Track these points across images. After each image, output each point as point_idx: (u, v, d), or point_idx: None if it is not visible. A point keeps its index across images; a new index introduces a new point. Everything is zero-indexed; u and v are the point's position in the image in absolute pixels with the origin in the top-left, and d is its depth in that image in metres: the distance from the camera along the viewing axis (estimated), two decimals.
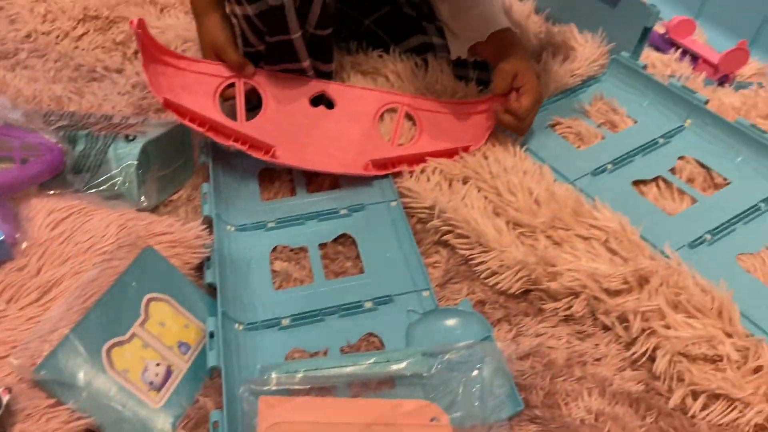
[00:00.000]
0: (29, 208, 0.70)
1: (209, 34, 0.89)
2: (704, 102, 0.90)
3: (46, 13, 1.21)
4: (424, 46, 1.03)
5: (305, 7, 0.83)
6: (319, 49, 0.90)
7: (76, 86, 1.08)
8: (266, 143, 0.82)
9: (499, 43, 0.92)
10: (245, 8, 0.84)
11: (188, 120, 0.79)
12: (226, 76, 0.88)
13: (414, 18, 1.05)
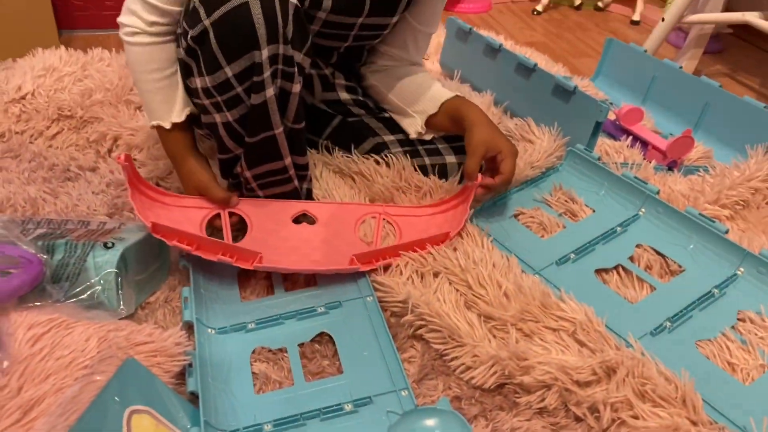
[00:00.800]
0: (9, 322, 0.71)
1: (191, 178, 0.93)
2: (656, 192, 0.96)
3: (20, 113, 1.23)
4: (378, 146, 1.09)
5: (284, 102, 0.87)
6: (295, 144, 0.93)
7: (51, 187, 1.09)
8: (253, 251, 0.84)
9: (453, 112, 1.01)
10: (225, 115, 0.87)
11: (176, 241, 0.82)
12: (210, 207, 0.93)
13: (362, 122, 1.12)
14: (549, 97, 1.17)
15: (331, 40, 1.04)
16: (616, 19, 2.34)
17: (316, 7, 0.96)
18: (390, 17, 1.04)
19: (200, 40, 0.83)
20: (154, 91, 0.94)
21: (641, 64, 1.54)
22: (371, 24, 1.03)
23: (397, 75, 1.12)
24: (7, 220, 0.84)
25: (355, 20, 1.01)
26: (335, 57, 1.10)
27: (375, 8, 1.00)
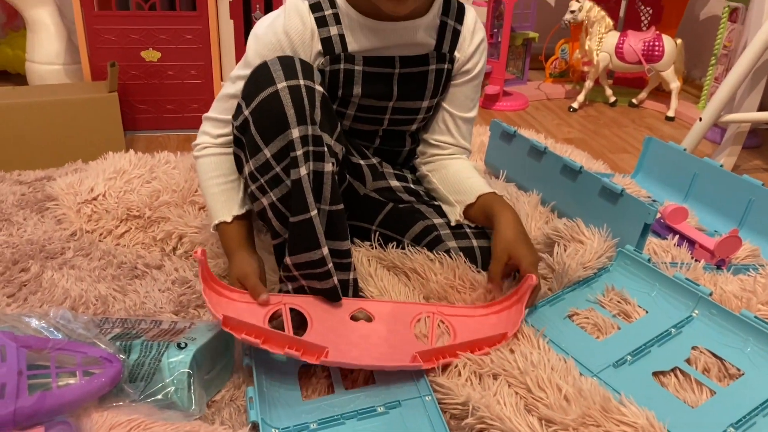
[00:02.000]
0: (91, 423, 0.74)
1: (235, 268, 0.99)
2: (708, 294, 0.98)
3: (92, 213, 1.31)
4: (427, 229, 1.13)
5: (318, 183, 0.92)
6: (335, 227, 0.96)
7: (120, 284, 1.15)
8: (319, 346, 0.87)
9: (487, 208, 1.07)
10: (270, 196, 0.94)
11: (245, 335, 0.86)
12: (274, 304, 0.97)
13: (413, 207, 1.17)
14: (596, 199, 1.21)
15: (368, 124, 1.13)
16: (650, 115, 2.40)
17: (348, 92, 1.06)
18: (419, 101, 1.12)
19: (243, 129, 0.94)
20: (218, 194, 1.04)
21: (681, 162, 1.57)
22: (402, 108, 1.12)
23: (444, 164, 1.19)
24: (87, 321, 0.89)
25: (387, 104, 1.10)
26: (377, 141, 1.16)
27: (403, 93, 1.09)
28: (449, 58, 1.11)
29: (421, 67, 1.09)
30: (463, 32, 1.11)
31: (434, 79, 1.11)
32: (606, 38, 2.25)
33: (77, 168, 1.61)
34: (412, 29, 1.05)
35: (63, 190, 1.37)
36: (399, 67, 1.07)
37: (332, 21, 1.03)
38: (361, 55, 1.05)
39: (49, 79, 2.11)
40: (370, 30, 1.04)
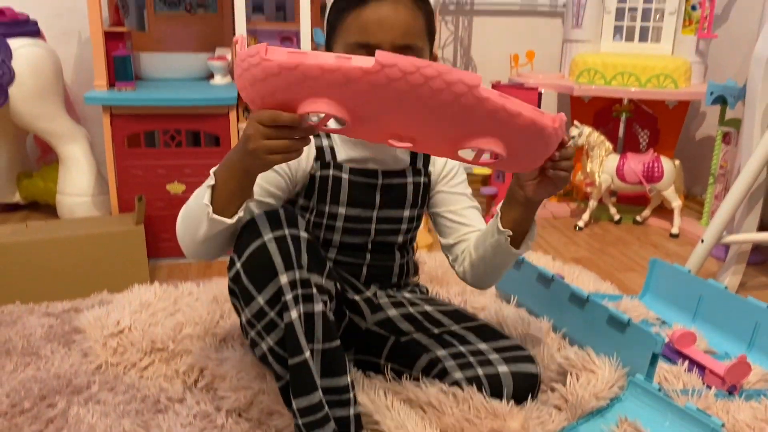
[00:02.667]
0: None
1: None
2: (720, 425, 1.00)
3: (117, 346, 1.36)
4: (432, 362, 1.16)
5: (310, 324, 0.97)
6: (333, 364, 0.99)
7: (143, 419, 1.18)
8: None
9: (506, 202, 1.11)
10: (267, 341, 1.00)
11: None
12: None
13: (413, 340, 1.20)
14: (605, 327, 1.25)
15: (357, 235, 1.20)
16: (655, 232, 2.47)
17: (335, 203, 1.16)
18: (401, 210, 1.22)
19: (236, 280, 1.02)
20: None
21: (687, 284, 1.62)
22: (386, 217, 1.21)
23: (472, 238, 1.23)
24: None
25: (371, 213, 1.19)
26: (368, 256, 1.23)
27: (385, 202, 1.20)
28: (424, 172, 1.24)
29: (401, 179, 1.21)
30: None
31: (413, 191, 1.23)
32: (607, 161, 2.36)
33: (103, 299, 1.67)
34: (390, 148, 1.17)
35: (90, 323, 1.42)
36: (381, 179, 1.19)
37: (323, 134, 1.18)
38: (348, 165, 1.17)
39: (78, 210, 2.22)
40: (355, 145, 1.17)
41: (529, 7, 2.86)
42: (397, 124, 0.83)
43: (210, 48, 2.35)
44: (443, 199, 1.26)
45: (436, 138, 0.85)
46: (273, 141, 0.85)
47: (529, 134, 0.82)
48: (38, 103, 2.16)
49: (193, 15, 2.37)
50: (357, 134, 0.91)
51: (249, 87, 0.83)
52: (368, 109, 0.80)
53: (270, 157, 0.86)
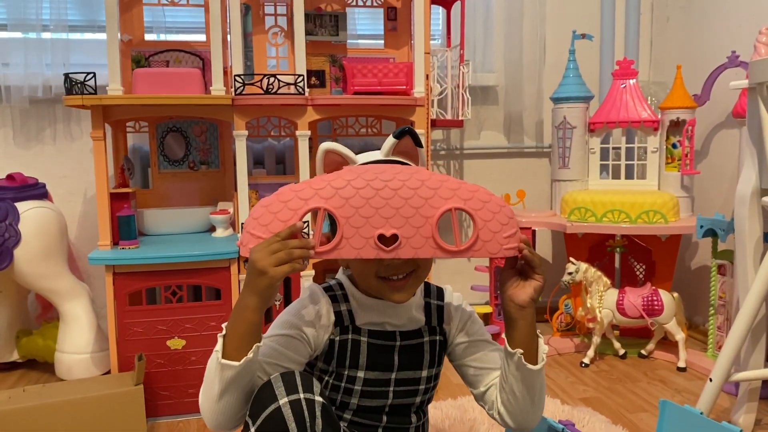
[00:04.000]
0: None
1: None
2: None
3: None
4: None
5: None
6: None
7: None
8: None
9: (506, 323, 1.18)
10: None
11: None
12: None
13: None
14: None
15: (375, 398, 1.18)
16: (662, 366, 2.43)
17: (354, 367, 1.17)
18: (419, 371, 1.21)
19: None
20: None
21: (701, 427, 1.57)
22: (405, 378, 1.20)
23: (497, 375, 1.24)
24: None
25: (390, 375, 1.18)
26: (384, 419, 1.20)
27: (403, 363, 1.19)
28: (440, 331, 1.25)
29: (417, 339, 1.22)
30: (445, 308, 1.28)
31: (429, 350, 1.23)
32: (606, 296, 2.37)
33: None
34: (407, 308, 1.22)
35: None
36: (399, 340, 1.20)
37: (342, 299, 1.21)
38: (366, 329, 1.19)
39: (77, 367, 2.20)
40: (372, 308, 1.20)
41: (516, 149, 2.99)
42: (379, 217, 1.03)
43: (212, 202, 2.42)
44: (464, 350, 1.27)
45: (414, 226, 1.04)
46: (278, 253, 0.99)
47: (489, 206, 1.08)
48: (42, 263, 2.20)
49: (196, 172, 2.46)
50: (348, 250, 1.03)
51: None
52: (354, 213, 1.04)
53: (277, 269, 0.99)
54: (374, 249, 1.03)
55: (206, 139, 2.45)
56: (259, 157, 2.53)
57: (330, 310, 1.18)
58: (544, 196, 2.99)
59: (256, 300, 1.02)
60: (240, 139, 2.10)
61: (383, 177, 1.05)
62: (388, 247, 1.03)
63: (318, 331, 1.16)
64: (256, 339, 1.03)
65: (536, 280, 1.12)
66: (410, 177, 1.06)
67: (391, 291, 1.13)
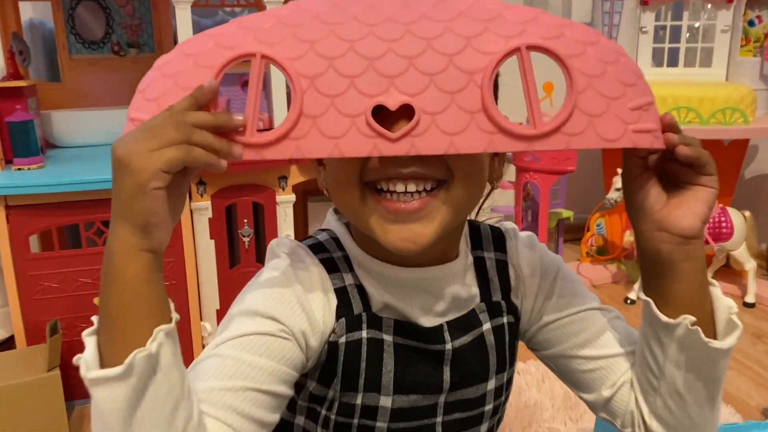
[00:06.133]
0: None
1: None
2: None
3: None
4: None
5: None
6: None
7: None
8: None
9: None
10: None
11: None
12: None
13: None
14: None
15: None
16: None
17: (373, 390, 0.65)
18: (483, 383, 0.69)
19: None
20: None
21: None
22: (460, 401, 0.68)
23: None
24: None
25: (436, 399, 0.67)
26: None
27: (457, 379, 0.67)
28: (507, 307, 0.71)
29: (473, 330, 0.68)
30: (511, 263, 0.72)
31: (496, 345, 0.69)
32: None
33: None
34: (449, 278, 0.66)
35: None
36: (450, 340, 0.67)
37: (344, 265, 0.66)
38: (391, 319, 0.65)
39: None
40: (392, 283, 0.65)
41: None
42: (375, 74, 0.49)
43: None
44: (559, 333, 0.71)
45: (447, 90, 0.50)
46: (161, 131, 0.48)
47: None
48: None
49: (124, 58, 1.83)
50: (313, 140, 0.50)
51: None
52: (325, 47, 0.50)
53: (154, 155, 0.47)
54: (366, 136, 0.50)
55: (134, 12, 1.83)
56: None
57: (327, 285, 0.65)
58: None
59: (126, 230, 0.49)
60: (183, 9, 1.46)
61: (385, 5, 0.51)
62: (395, 132, 0.50)
63: (312, 325, 0.62)
64: (155, 315, 0.50)
65: (707, 187, 0.57)
66: (437, 4, 0.51)
67: (388, 221, 0.58)
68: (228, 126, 0.50)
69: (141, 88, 0.52)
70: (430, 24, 0.50)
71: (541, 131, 0.50)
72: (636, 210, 0.60)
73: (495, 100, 0.54)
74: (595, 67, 0.51)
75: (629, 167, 0.60)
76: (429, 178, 0.56)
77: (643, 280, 0.63)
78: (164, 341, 0.48)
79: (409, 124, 0.50)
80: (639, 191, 0.59)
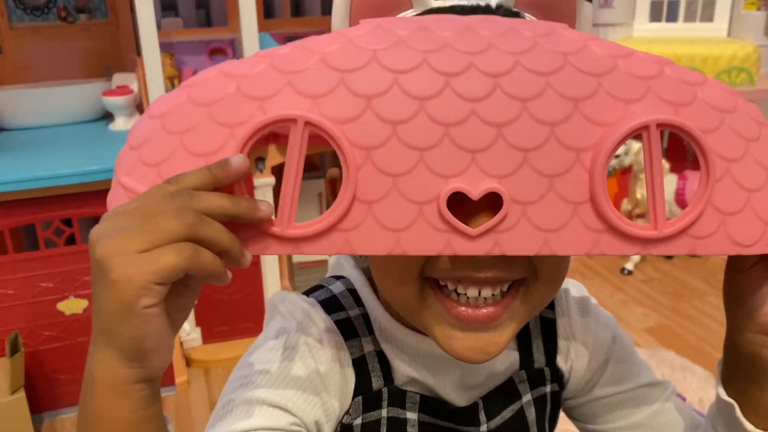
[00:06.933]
0: None
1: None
2: None
3: None
4: None
5: None
6: None
7: None
8: None
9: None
10: None
11: None
12: None
13: None
14: None
15: None
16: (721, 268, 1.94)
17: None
18: (517, 400, 0.60)
19: None
20: None
21: None
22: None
23: None
24: None
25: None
26: None
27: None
28: (552, 375, 0.62)
29: (512, 402, 0.60)
30: (560, 324, 0.62)
31: (536, 418, 0.61)
32: None
33: None
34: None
35: None
36: (486, 421, 0.57)
37: (363, 329, 0.55)
38: (417, 394, 0.55)
39: None
40: (419, 354, 0.55)
41: None
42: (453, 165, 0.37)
43: (104, 73, 1.63)
44: (612, 410, 0.61)
45: (545, 173, 0.38)
46: (162, 220, 0.34)
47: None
48: None
49: (73, 25, 1.64)
50: (369, 232, 0.38)
51: None
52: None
53: (149, 260, 0.34)
54: (438, 230, 0.37)
55: None
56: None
57: (345, 360, 0.54)
58: None
59: (112, 358, 0.36)
60: None
61: (463, 44, 0.37)
62: (475, 227, 0.37)
63: (326, 415, 0.52)
64: None
65: None
66: (534, 46, 0.37)
67: (454, 328, 0.46)
68: (253, 217, 0.36)
69: (135, 144, 0.37)
70: (526, 77, 0.36)
71: (662, 234, 0.38)
72: (738, 304, 0.49)
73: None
74: (735, 148, 0.39)
75: (743, 268, 0.49)
76: (508, 281, 0.44)
77: (725, 378, 0.53)
78: None
79: (494, 218, 0.37)
80: (747, 284, 0.48)
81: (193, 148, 0.36)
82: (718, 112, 0.39)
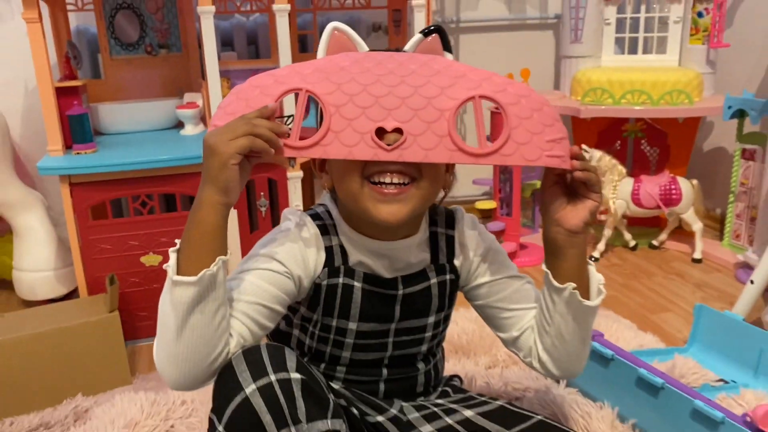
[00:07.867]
0: None
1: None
2: None
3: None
4: None
5: None
6: None
7: None
8: None
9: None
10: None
11: None
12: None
13: None
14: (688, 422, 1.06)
15: (371, 351, 0.98)
16: (675, 257, 2.30)
17: (344, 318, 0.95)
18: (425, 318, 1.00)
19: None
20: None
21: (743, 334, 1.45)
22: (407, 328, 0.99)
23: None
24: None
25: (389, 326, 0.97)
26: (385, 372, 1.01)
27: (405, 313, 0.97)
28: (450, 268, 1.01)
29: (422, 282, 0.99)
30: (457, 238, 1.02)
31: (438, 293, 1.00)
32: (621, 185, 2.18)
33: (77, 407, 1.42)
34: (406, 249, 0.97)
35: None
36: (401, 288, 0.97)
37: (332, 230, 0.96)
38: (361, 271, 0.95)
39: (40, 287, 1.96)
40: (365, 249, 0.95)
41: (518, 21, 2.67)
42: (379, 107, 0.80)
43: (177, 93, 2.10)
44: (487, 291, 1.03)
45: (426, 120, 0.80)
46: (236, 128, 0.78)
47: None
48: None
49: (155, 57, 2.12)
50: (335, 147, 0.81)
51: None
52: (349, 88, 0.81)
53: (232, 142, 0.77)
54: (370, 147, 0.79)
55: (163, 17, 2.09)
56: (226, 38, 2.18)
57: (320, 244, 0.94)
58: (546, 74, 2.71)
59: (212, 191, 0.79)
60: (206, 17, 1.75)
61: (388, 63, 0.82)
62: (390, 145, 0.79)
63: (306, 271, 0.92)
64: (219, 249, 0.80)
65: (592, 200, 0.87)
66: (423, 65, 0.82)
67: (379, 201, 0.85)
68: (279, 131, 0.80)
69: (222, 106, 0.82)
70: (418, 78, 0.80)
71: (484, 151, 0.80)
72: (545, 210, 0.91)
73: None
74: (525, 112, 0.81)
75: (545, 181, 0.91)
76: (407, 175, 0.85)
77: (545, 257, 0.94)
78: (221, 267, 0.80)
79: (399, 141, 0.79)
80: (548, 197, 0.90)
81: (252, 105, 0.80)
82: (518, 96, 0.82)
